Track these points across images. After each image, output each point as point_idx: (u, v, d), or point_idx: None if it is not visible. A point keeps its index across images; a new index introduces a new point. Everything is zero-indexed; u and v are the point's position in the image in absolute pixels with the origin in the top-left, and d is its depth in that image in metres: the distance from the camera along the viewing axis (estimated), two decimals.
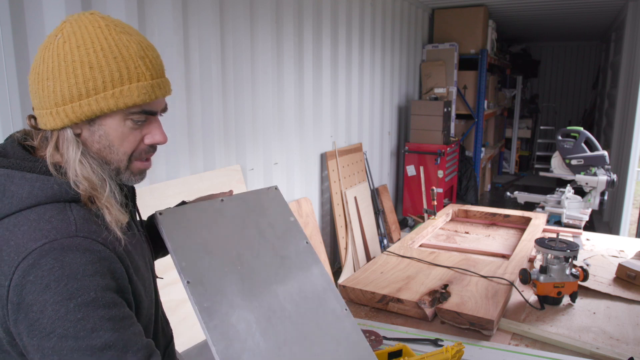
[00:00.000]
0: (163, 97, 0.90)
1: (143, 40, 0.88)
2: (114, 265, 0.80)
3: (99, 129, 0.85)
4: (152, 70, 0.87)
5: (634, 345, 1.37)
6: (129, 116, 0.86)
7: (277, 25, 3.23)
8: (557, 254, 1.63)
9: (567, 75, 10.47)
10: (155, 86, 0.87)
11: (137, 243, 0.95)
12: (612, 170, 2.96)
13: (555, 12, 6.42)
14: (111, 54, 0.82)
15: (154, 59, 0.88)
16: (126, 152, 0.88)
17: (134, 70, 0.83)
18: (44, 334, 0.72)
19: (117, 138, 0.86)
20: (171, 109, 2.43)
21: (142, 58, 0.85)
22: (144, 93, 0.85)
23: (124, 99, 0.83)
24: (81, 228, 0.79)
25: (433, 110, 5.20)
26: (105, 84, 0.82)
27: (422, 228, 2.42)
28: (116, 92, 0.82)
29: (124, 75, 0.83)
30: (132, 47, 0.84)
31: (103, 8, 2.05)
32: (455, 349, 1.10)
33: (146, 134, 0.90)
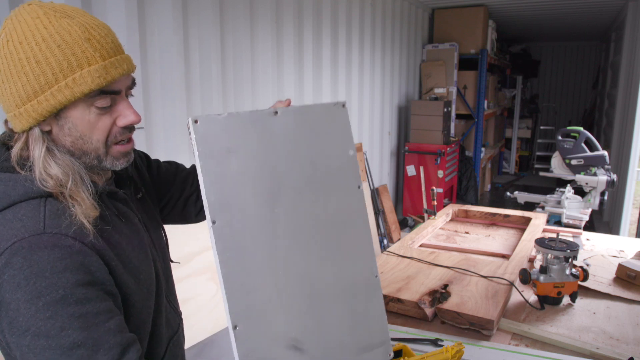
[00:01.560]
0: (122, 75, 0.83)
1: (89, 20, 0.82)
2: (88, 259, 0.78)
3: (67, 122, 0.83)
4: (101, 50, 0.81)
5: (634, 345, 1.36)
6: (92, 102, 0.82)
7: (277, 25, 3.23)
8: (557, 254, 1.62)
9: (567, 75, 10.47)
10: (109, 66, 0.81)
11: (132, 233, 0.93)
12: (612, 170, 2.96)
13: (555, 12, 6.42)
14: (54, 43, 0.78)
15: (101, 38, 0.82)
16: (99, 140, 0.85)
17: (81, 55, 0.79)
18: (20, 332, 0.73)
19: (86, 128, 0.83)
20: (171, 109, 2.45)
21: (87, 40, 0.80)
22: (98, 77, 0.80)
23: (79, 87, 0.79)
24: (50, 224, 0.78)
25: (433, 110, 5.20)
26: (56, 76, 0.78)
27: (422, 228, 2.42)
28: (69, 82, 0.79)
29: (73, 63, 0.79)
30: (74, 30, 0.79)
31: (103, 8, 2.05)
32: (455, 349, 1.10)
33: (117, 117, 0.86)
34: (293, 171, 0.91)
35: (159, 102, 2.38)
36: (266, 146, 0.89)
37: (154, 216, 1.08)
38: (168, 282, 1.08)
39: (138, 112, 0.89)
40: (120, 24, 2.12)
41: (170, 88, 2.43)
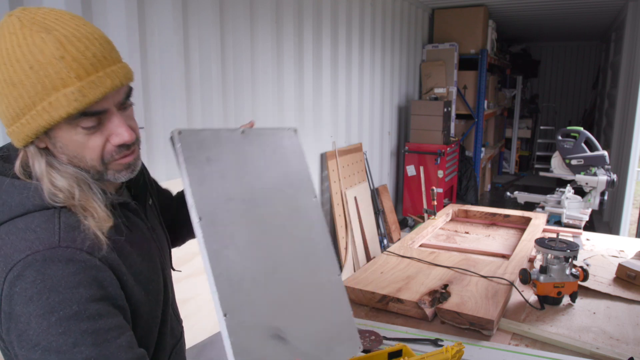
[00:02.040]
0: (105, 94, 0.75)
1: (69, 31, 0.74)
2: (102, 274, 0.77)
3: (57, 142, 0.78)
4: (77, 69, 0.73)
5: (634, 345, 1.36)
6: (77, 124, 0.76)
7: (277, 25, 3.23)
8: (557, 254, 1.62)
9: (567, 75, 10.47)
10: (87, 87, 0.73)
11: (142, 242, 0.92)
12: (612, 170, 2.96)
13: (555, 12, 6.42)
14: (27, 64, 0.71)
15: (79, 53, 0.73)
16: (94, 159, 0.80)
17: (55, 76, 0.72)
18: (30, 346, 0.72)
19: (77, 148, 0.79)
20: (171, 109, 2.45)
21: (61, 59, 0.72)
22: (74, 100, 0.73)
23: (56, 111, 0.73)
24: (65, 237, 0.76)
25: (433, 110, 5.20)
26: (32, 100, 0.73)
27: (422, 228, 2.42)
28: (45, 106, 0.73)
29: (47, 86, 0.72)
30: (47, 48, 0.71)
31: (103, 8, 2.05)
32: (455, 349, 1.09)
33: (110, 135, 0.80)
34: (261, 182, 1.03)
35: (159, 102, 2.38)
36: (237, 159, 1.00)
37: (160, 223, 1.08)
38: (172, 290, 1.08)
39: (138, 113, 0.87)
40: (120, 24, 2.12)
41: (170, 88, 2.43)
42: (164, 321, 0.98)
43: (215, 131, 0.99)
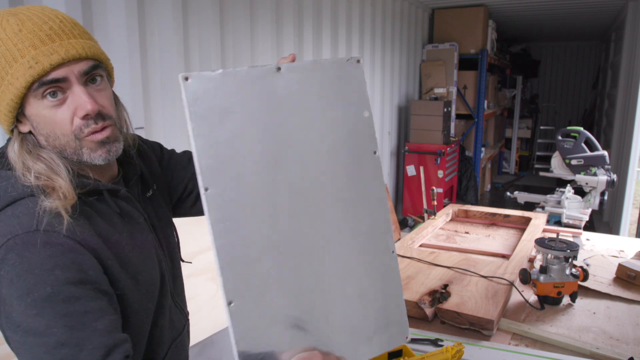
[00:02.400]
0: (60, 62, 0.78)
1: (32, 13, 0.79)
2: (80, 257, 0.78)
3: (32, 121, 0.82)
4: (32, 39, 0.77)
5: (634, 345, 1.36)
6: (39, 95, 0.79)
7: (277, 25, 3.23)
8: (557, 254, 1.63)
9: (567, 75, 10.47)
10: (42, 54, 0.77)
11: (136, 232, 0.92)
12: (612, 170, 2.96)
13: (555, 12, 6.42)
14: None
15: (36, 27, 0.78)
16: (65, 134, 0.82)
17: (13, 48, 0.77)
18: (13, 327, 0.74)
19: (47, 124, 0.81)
20: (171, 109, 2.45)
21: (18, 32, 0.77)
22: (29, 67, 0.76)
23: (17, 81, 0.77)
24: (44, 222, 0.78)
25: (433, 110, 5.20)
26: (1, 75, 0.78)
27: (422, 228, 2.42)
28: (10, 79, 0.78)
29: (8, 58, 0.77)
30: (9, 27, 0.77)
31: (103, 8, 2.05)
32: (455, 349, 1.10)
33: (76, 108, 0.81)
34: (299, 135, 0.82)
35: (159, 102, 2.38)
36: (268, 107, 0.80)
37: (164, 215, 1.07)
38: (176, 282, 1.07)
39: (138, 112, 0.87)
40: (120, 24, 2.12)
41: (170, 88, 2.43)
42: (161, 313, 0.98)
43: (237, 72, 0.79)
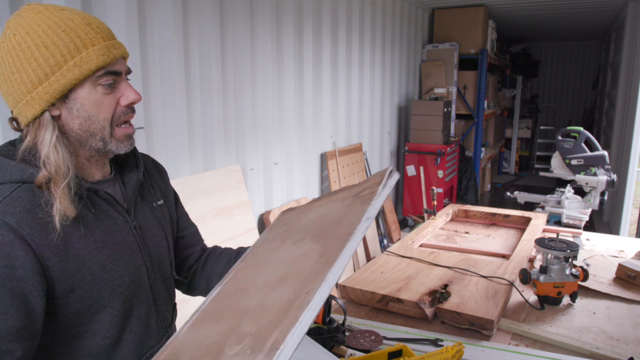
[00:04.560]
0: (121, 56, 0.93)
1: (83, 13, 0.92)
2: (15, 252, 0.82)
3: (75, 103, 0.89)
4: (101, 33, 0.90)
5: (634, 345, 1.36)
6: (97, 81, 0.89)
7: (277, 25, 3.23)
8: (557, 254, 1.62)
9: (567, 75, 10.47)
10: (110, 47, 0.90)
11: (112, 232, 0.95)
12: (612, 170, 2.96)
13: (555, 12, 6.42)
14: (59, 29, 0.86)
15: (99, 24, 0.91)
16: (106, 118, 0.92)
17: (85, 36, 0.87)
18: None
19: (93, 107, 0.90)
20: (171, 109, 2.45)
21: (88, 25, 0.89)
22: (102, 54, 0.88)
23: (86, 64, 0.87)
24: (1, 208, 0.83)
25: (433, 110, 5.20)
26: (65, 57, 0.86)
27: (422, 228, 2.42)
28: (77, 61, 0.86)
29: (78, 44, 0.87)
30: (75, 18, 0.88)
31: (103, 8, 2.05)
32: (455, 349, 1.09)
33: (120, 96, 0.93)
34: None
35: (159, 102, 2.38)
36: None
37: (163, 225, 1.09)
38: (161, 291, 1.08)
39: (138, 112, 0.92)
40: (120, 24, 2.12)
41: (170, 88, 2.43)
42: (133, 317, 0.99)
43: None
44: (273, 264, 0.90)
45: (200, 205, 2.60)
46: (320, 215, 0.97)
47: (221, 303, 0.87)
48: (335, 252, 0.76)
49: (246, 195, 2.95)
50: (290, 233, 0.98)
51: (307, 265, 0.79)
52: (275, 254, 0.94)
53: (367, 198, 0.89)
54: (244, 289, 0.87)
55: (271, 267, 0.89)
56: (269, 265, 0.90)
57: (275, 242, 0.99)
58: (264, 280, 0.85)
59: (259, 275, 0.89)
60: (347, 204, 0.92)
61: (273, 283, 0.81)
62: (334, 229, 0.86)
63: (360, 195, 0.92)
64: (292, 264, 0.83)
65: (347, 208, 0.91)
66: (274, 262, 0.90)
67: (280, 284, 0.80)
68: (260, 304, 0.76)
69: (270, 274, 0.86)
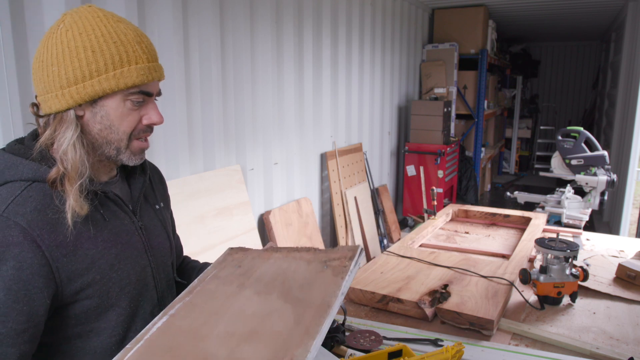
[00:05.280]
0: (158, 79, 0.96)
1: (137, 29, 0.95)
2: (24, 254, 0.82)
3: (101, 110, 0.91)
4: (147, 54, 0.93)
5: (634, 345, 1.36)
6: (128, 97, 0.92)
7: (277, 25, 3.23)
8: (557, 254, 1.62)
9: (567, 75, 10.47)
10: (152, 69, 0.93)
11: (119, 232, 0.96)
12: (612, 170, 2.96)
13: (555, 12, 6.42)
14: (111, 39, 0.89)
15: (149, 44, 0.94)
16: (126, 132, 0.94)
17: (132, 53, 0.90)
18: None
19: (117, 118, 0.93)
20: (171, 109, 2.45)
21: (138, 43, 0.92)
22: (142, 74, 0.91)
23: (124, 79, 0.89)
24: (12, 209, 0.83)
25: (433, 110, 5.20)
26: (107, 66, 0.88)
27: (422, 228, 2.42)
28: (117, 74, 0.89)
29: (124, 58, 0.89)
30: (129, 33, 0.91)
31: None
32: (455, 349, 1.09)
33: (144, 115, 0.96)
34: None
35: (159, 102, 2.37)
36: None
37: (165, 227, 1.12)
38: (165, 292, 1.09)
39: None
40: None
41: (170, 88, 2.43)
42: (137, 315, 1.00)
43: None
44: (236, 314, 0.87)
45: (200, 205, 2.60)
46: (282, 270, 0.97)
47: (173, 339, 0.83)
48: (316, 323, 0.80)
49: (246, 195, 2.95)
50: (249, 280, 0.97)
51: (282, 327, 0.81)
52: (235, 301, 0.91)
53: (338, 270, 0.91)
54: (200, 332, 0.84)
55: (234, 316, 0.87)
56: (229, 313, 0.88)
57: (231, 285, 0.97)
58: (227, 329, 0.83)
59: (219, 322, 0.86)
60: (316, 270, 0.94)
61: (241, 336, 0.81)
62: (306, 294, 0.89)
63: (329, 264, 0.94)
64: (262, 321, 0.84)
65: (317, 274, 0.93)
66: (237, 312, 0.88)
67: (250, 339, 0.80)
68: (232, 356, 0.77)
69: (234, 325, 0.84)
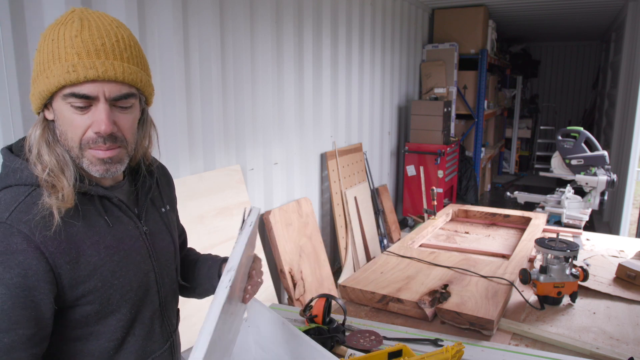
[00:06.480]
0: (95, 78, 0.81)
1: (97, 23, 0.83)
2: (28, 261, 0.81)
3: (55, 114, 0.86)
4: (81, 49, 0.80)
5: (634, 345, 1.36)
6: (65, 99, 0.83)
7: (277, 25, 3.23)
8: (557, 254, 1.63)
9: (567, 75, 10.47)
10: (81, 65, 0.80)
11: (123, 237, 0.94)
12: (612, 170, 2.96)
13: (555, 12, 6.42)
14: (50, 37, 0.82)
15: (90, 38, 0.81)
16: (73, 139, 0.85)
17: (63, 50, 0.81)
18: None
19: (64, 123, 0.85)
20: (171, 109, 2.45)
21: (73, 37, 0.81)
22: (66, 72, 0.80)
23: (52, 79, 0.81)
24: (15, 216, 0.81)
25: (433, 110, 5.20)
26: (43, 66, 0.82)
27: (422, 228, 2.42)
28: (48, 73, 0.82)
29: (55, 56, 0.81)
30: (71, 28, 0.81)
31: (103, 8, 2.05)
32: (455, 349, 1.09)
33: (92, 122, 0.84)
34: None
35: (159, 102, 2.38)
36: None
37: (170, 230, 1.10)
38: (168, 296, 1.08)
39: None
40: None
41: (170, 88, 2.43)
42: (138, 321, 0.99)
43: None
44: None
45: (200, 205, 2.60)
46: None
47: None
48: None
49: (246, 195, 2.95)
50: None
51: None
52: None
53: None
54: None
55: None
56: None
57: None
58: None
59: None
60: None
61: None
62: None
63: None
64: None
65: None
66: None
67: None
68: None
69: None
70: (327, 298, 1.38)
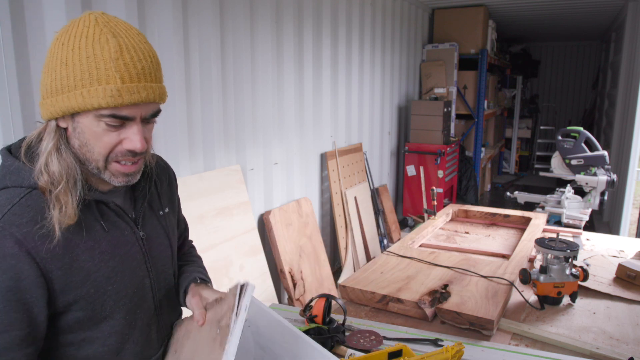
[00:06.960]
0: (136, 102, 0.84)
1: (132, 42, 0.84)
2: (20, 265, 0.81)
3: (78, 126, 0.86)
4: (125, 73, 0.82)
5: (634, 345, 1.36)
6: (101, 118, 0.84)
7: (277, 25, 3.23)
8: (557, 254, 1.63)
9: (567, 75, 10.47)
10: (126, 90, 0.82)
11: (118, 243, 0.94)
12: (612, 170, 2.96)
13: (555, 12, 6.42)
14: (85, 53, 0.81)
15: (131, 61, 0.83)
16: (101, 153, 0.87)
17: (103, 72, 0.81)
18: None
19: (91, 137, 0.86)
20: (171, 109, 2.45)
21: (114, 60, 0.81)
22: (110, 96, 0.81)
23: (91, 99, 0.82)
24: (9, 218, 0.81)
25: (433, 110, 5.20)
26: (76, 83, 0.82)
27: (422, 228, 2.42)
28: (84, 92, 0.82)
29: (93, 76, 0.81)
30: (109, 47, 0.82)
31: (103, 8, 2.05)
32: (455, 349, 1.09)
33: (124, 138, 0.87)
34: None
35: None
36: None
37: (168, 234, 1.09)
38: (164, 301, 1.07)
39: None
40: None
41: (170, 88, 2.42)
42: (134, 328, 0.99)
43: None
44: None
45: (200, 205, 2.60)
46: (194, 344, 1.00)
47: None
48: None
49: (246, 195, 2.95)
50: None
51: None
52: None
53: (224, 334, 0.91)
54: None
55: None
56: None
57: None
58: None
59: None
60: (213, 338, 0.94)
61: None
62: None
63: (221, 325, 0.94)
64: None
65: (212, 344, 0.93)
66: None
67: None
68: None
69: None
70: (327, 298, 1.38)
